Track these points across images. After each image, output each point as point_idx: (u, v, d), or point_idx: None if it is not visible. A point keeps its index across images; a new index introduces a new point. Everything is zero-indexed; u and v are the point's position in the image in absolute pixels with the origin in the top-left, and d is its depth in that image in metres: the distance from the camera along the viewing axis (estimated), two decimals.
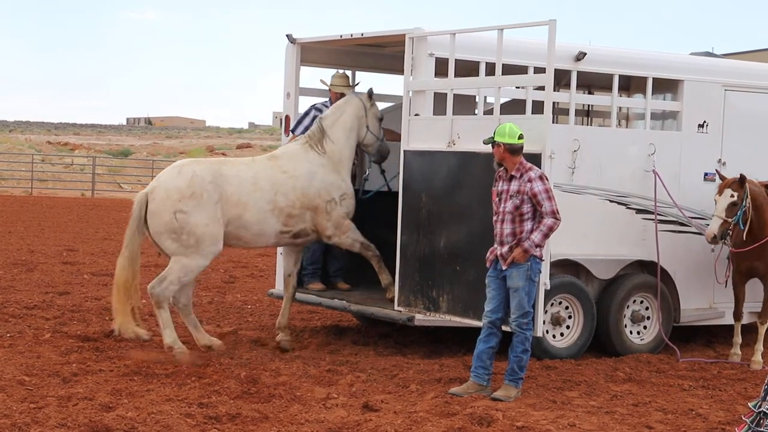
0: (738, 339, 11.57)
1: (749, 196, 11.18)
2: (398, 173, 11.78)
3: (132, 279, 10.57)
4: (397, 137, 12.52)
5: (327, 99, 12.39)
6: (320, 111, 12.10)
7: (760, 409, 7.10)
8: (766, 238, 11.23)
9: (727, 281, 11.68)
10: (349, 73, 13.22)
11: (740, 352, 11.45)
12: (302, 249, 11.53)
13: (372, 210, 12.50)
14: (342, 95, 12.20)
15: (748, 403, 8.24)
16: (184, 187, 10.43)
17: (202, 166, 10.68)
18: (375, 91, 13.70)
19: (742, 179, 11.15)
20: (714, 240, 11.15)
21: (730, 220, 11.11)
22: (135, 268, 10.58)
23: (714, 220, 11.19)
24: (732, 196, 11.15)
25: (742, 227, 11.15)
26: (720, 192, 11.27)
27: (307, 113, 12.20)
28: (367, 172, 12.92)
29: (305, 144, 11.24)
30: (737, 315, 11.57)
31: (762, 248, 11.29)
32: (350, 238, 11.25)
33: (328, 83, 12.26)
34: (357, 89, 12.49)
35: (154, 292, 10.51)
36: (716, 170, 11.61)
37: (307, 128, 11.89)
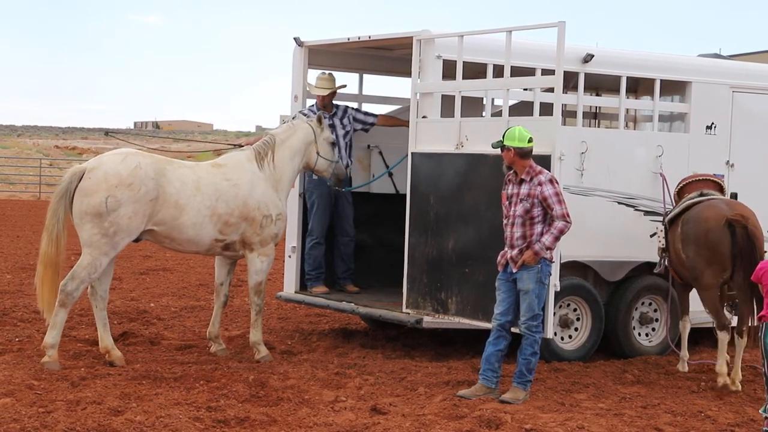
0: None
1: None
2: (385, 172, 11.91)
3: (56, 256, 10.25)
4: (399, 122, 12.56)
5: (314, 103, 12.38)
6: (307, 116, 12.11)
7: None
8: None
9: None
10: (356, 76, 13.25)
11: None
12: (235, 261, 11.24)
13: (378, 212, 12.51)
14: (330, 96, 12.18)
15: (760, 411, 8.24)
16: (125, 174, 10.06)
17: (148, 160, 10.25)
18: (382, 94, 13.73)
19: None
20: None
21: None
22: (60, 246, 10.26)
23: None
24: None
25: None
26: None
27: (293, 119, 12.17)
28: (373, 175, 12.94)
29: (251, 155, 10.92)
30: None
31: None
32: (261, 266, 10.86)
33: (311, 84, 12.24)
34: (342, 92, 12.52)
35: (66, 290, 10.09)
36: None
37: None
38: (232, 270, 11.33)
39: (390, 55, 12.96)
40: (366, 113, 12.66)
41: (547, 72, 10.57)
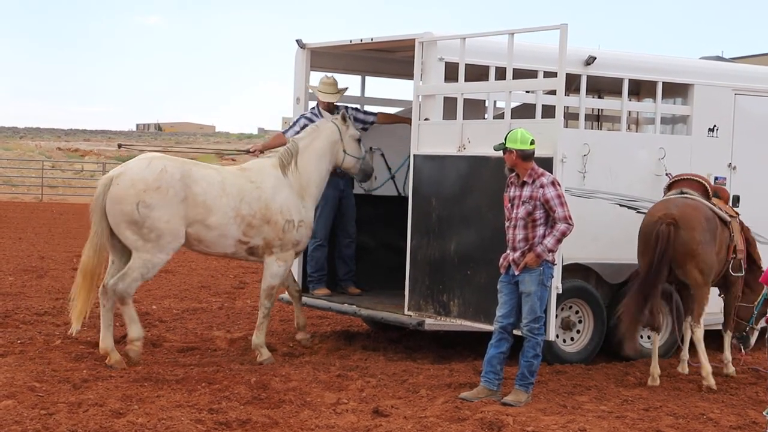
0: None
1: None
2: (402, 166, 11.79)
3: (97, 268, 10.36)
4: (399, 119, 12.53)
5: (315, 105, 12.35)
6: (310, 120, 12.09)
7: None
8: None
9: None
10: (358, 78, 13.24)
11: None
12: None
13: (381, 214, 12.50)
14: (330, 103, 12.16)
15: (764, 413, 8.24)
16: (151, 179, 10.22)
17: (173, 163, 10.48)
18: (384, 96, 13.70)
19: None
20: None
21: None
22: (101, 257, 10.36)
23: None
24: None
25: None
26: None
27: (296, 121, 12.19)
28: (375, 178, 12.93)
29: (275, 162, 11.07)
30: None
31: None
32: (278, 270, 10.95)
33: (315, 86, 12.23)
34: (345, 94, 12.49)
35: (117, 289, 10.27)
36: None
37: (297, 134, 11.95)
38: (290, 272, 11.55)
39: (392, 58, 12.96)
40: (366, 112, 12.67)
41: (549, 74, 10.57)
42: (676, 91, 12.13)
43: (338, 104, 12.46)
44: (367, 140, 12.85)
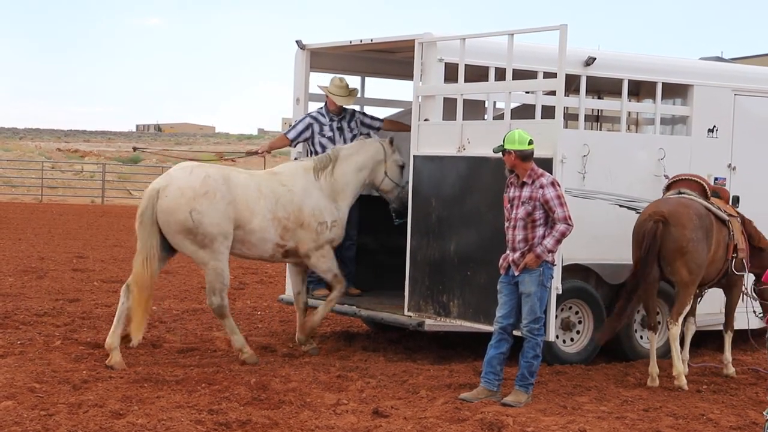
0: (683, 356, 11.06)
1: None
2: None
3: (150, 279, 10.46)
4: (403, 127, 12.53)
5: (323, 105, 12.33)
6: (315, 119, 12.08)
7: None
8: None
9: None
10: (358, 79, 13.23)
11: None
12: (306, 268, 11.49)
13: (382, 215, 12.49)
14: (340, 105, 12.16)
15: (764, 413, 8.24)
16: (198, 185, 10.44)
17: (213, 169, 10.75)
18: (383, 97, 13.69)
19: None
20: None
21: None
22: (152, 269, 10.47)
23: None
24: None
25: None
26: None
27: (301, 120, 12.18)
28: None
29: (309, 165, 11.26)
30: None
31: None
32: (326, 264, 11.23)
33: (327, 88, 12.21)
34: (354, 96, 12.47)
35: (214, 307, 10.68)
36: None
37: (300, 133, 12.04)
38: (306, 278, 11.63)
39: (392, 58, 12.95)
40: (372, 117, 12.66)
41: (549, 75, 10.56)
42: (676, 91, 12.13)
43: (345, 107, 12.46)
44: None
